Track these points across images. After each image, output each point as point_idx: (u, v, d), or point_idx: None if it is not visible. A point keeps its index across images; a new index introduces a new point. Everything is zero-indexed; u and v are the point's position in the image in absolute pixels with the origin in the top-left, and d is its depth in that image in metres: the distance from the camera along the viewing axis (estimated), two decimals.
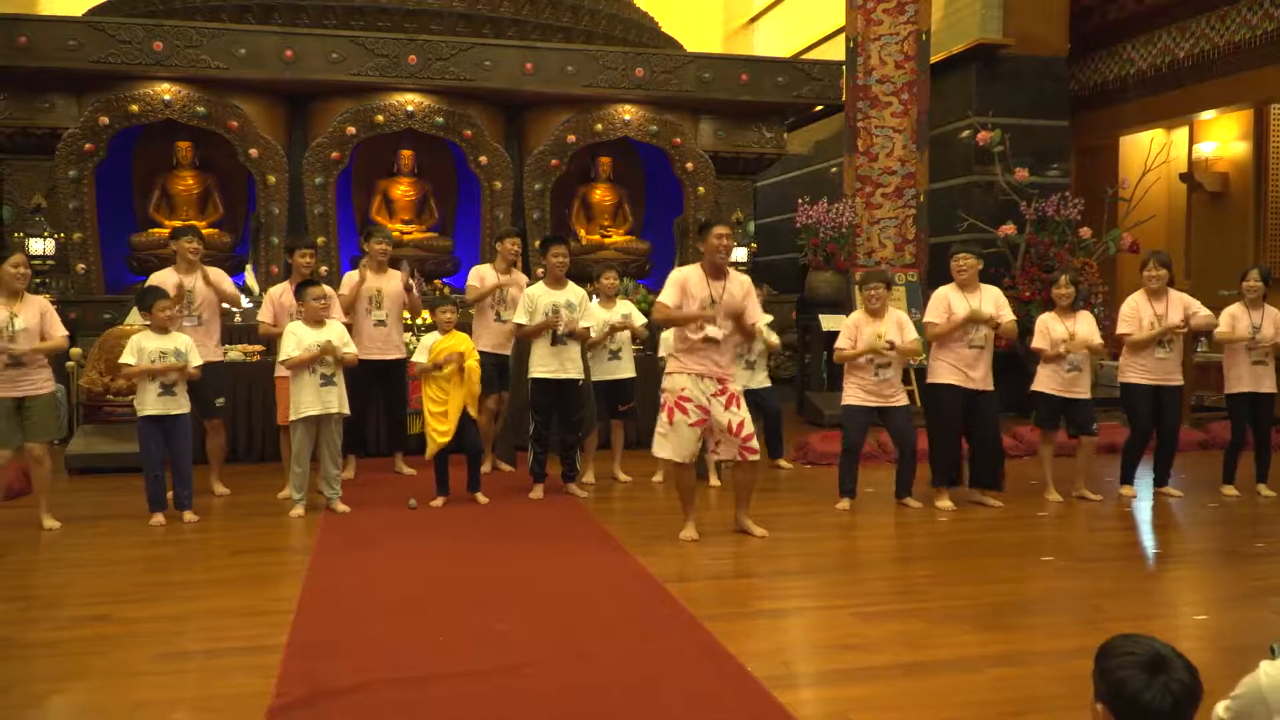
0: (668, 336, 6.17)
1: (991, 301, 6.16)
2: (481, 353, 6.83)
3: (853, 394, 6.17)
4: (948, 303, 6.14)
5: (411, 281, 6.99)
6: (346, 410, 6.02)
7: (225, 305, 6.64)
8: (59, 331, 5.69)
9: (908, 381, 9.55)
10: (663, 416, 5.28)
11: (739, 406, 5.25)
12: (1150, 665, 1.80)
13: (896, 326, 6.10)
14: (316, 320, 5.97)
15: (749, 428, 5.26)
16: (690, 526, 5.40)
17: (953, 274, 6.23)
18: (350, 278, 6.91)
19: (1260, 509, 6.28)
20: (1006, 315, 6.17)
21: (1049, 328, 6.41)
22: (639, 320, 7.03)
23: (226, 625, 4.02)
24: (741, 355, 6.77)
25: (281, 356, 5.97)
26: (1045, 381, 6.44)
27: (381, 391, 7.00)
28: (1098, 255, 10.21)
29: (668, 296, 5.21)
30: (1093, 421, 6.49)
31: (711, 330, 5.14)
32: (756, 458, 5.33)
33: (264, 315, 6.70)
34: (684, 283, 5.21)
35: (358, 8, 10.71)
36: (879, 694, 3.32)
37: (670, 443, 5.25)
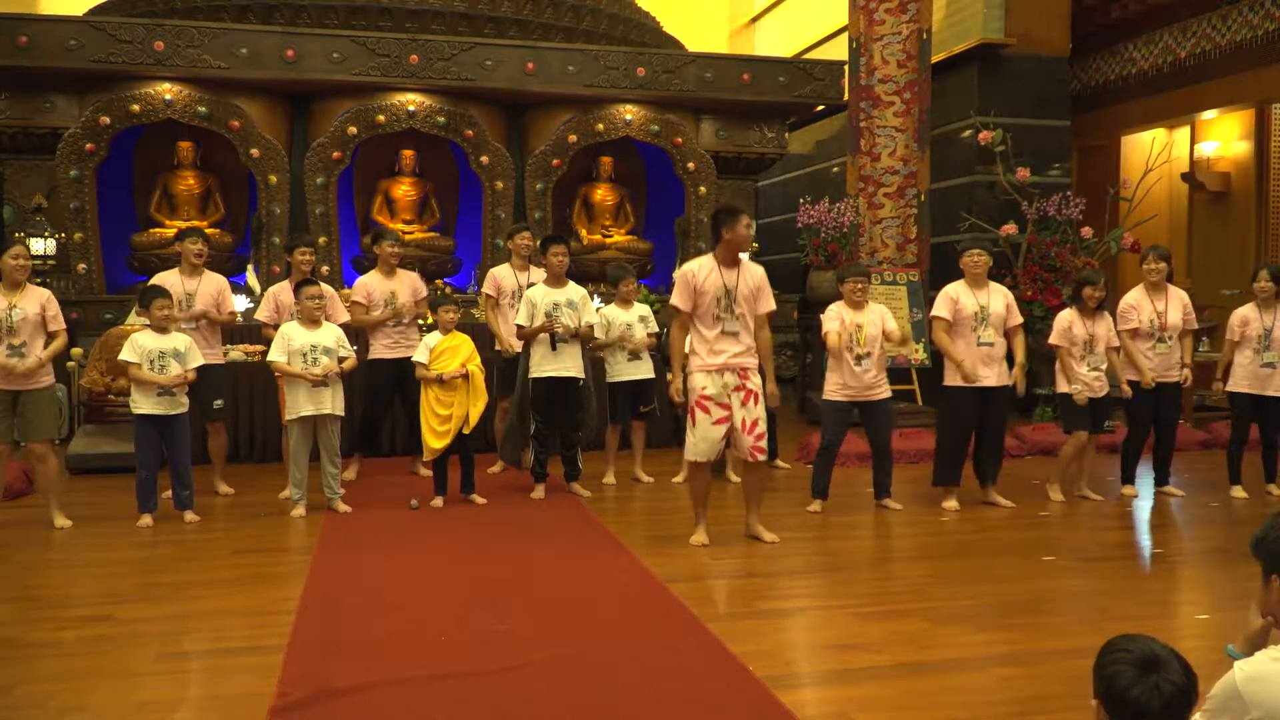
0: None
1: (1000, 300, 6.16)
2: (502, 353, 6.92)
3: (832, 389, 6.11)
4: (956, 298, 6.14)
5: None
6: (341, 411, 5.98)
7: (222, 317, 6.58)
8: (58, 326, 5.67)
9: (908, 380, 9.56)
10: (689, 418, 5.24)
11: (756, 404, 5.18)
12: (1143, 664, 1.81)
13: (879, 317, 6.08)
14: (312, 320, 5.96)
15: (762, 427, 5.19)
16: (700, 531, 5.34)
17: (963, 269, 6.23)
18: (363, 287, 6.93)
19: (1263, 509, 6.24)
20: (1015, 318, 6.16)
21: (1071, 327, 6.36)
22: (652, 327, 6.99)
23: (228, 625, 4.03)
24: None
25: (270, 357, 5.94)
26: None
27: (400, 390, 6.97)
28: (1099, 255, 10.20)
29: (678, 299, 5.18)
30: (1107, 418, 6.46)
31: (729, 324, 5.11)
32: (764, 458, 5.30)
33: (263, 314, 6.66)
34: (692, 280, 5.14)
35: (359, 7, 10.71)
36: (881, 694, 3.32)
37: (693, 442, 5.21)
